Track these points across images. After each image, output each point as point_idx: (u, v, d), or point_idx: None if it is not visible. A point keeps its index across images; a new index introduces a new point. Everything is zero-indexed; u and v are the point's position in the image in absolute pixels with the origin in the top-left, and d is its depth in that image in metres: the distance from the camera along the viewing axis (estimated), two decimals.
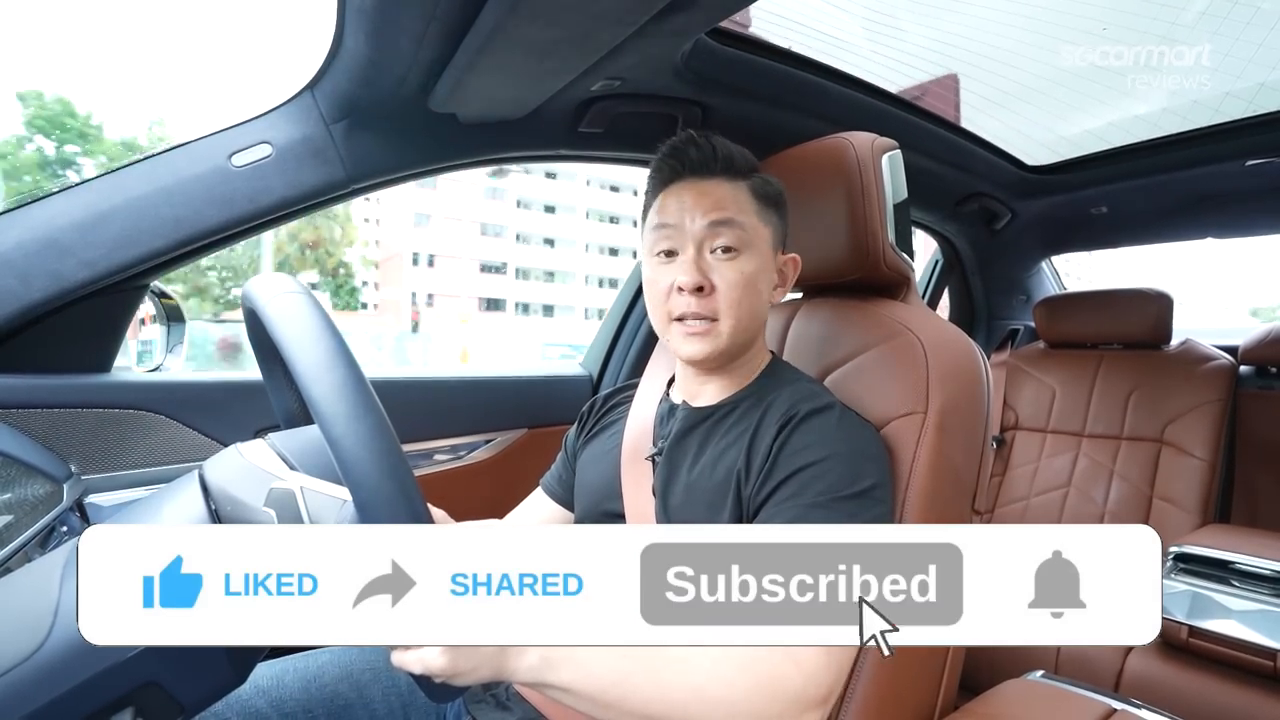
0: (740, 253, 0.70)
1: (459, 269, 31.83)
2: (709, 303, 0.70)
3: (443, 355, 26.22)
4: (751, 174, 0.74)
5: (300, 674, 0.75)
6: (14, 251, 0.80)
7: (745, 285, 0.70)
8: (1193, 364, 1.57)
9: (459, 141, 1.01)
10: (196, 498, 0.47)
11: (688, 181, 0.72)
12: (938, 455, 0.68)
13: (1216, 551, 1.16)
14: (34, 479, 0.71)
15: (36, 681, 0.39)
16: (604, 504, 0.79)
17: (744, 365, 0.77)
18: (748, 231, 0.71)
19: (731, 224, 0.70)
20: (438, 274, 31.38)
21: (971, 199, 1.71)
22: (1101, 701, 0.72)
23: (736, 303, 0.70)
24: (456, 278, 31.71)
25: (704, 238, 0.70)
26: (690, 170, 0.72)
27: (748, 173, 0.73)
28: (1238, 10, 1.14)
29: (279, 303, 0.45)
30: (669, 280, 0.71)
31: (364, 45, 0.79)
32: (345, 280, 29.13)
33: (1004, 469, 1.75)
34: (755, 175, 0.74)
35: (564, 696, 0.50)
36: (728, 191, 0.71)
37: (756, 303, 0.72)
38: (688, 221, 0.70)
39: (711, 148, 0.72)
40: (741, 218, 0.71)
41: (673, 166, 0.73)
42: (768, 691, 0.53)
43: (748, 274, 0.70)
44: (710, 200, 0.71)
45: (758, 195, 0.73)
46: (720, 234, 0.70)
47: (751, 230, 0.71)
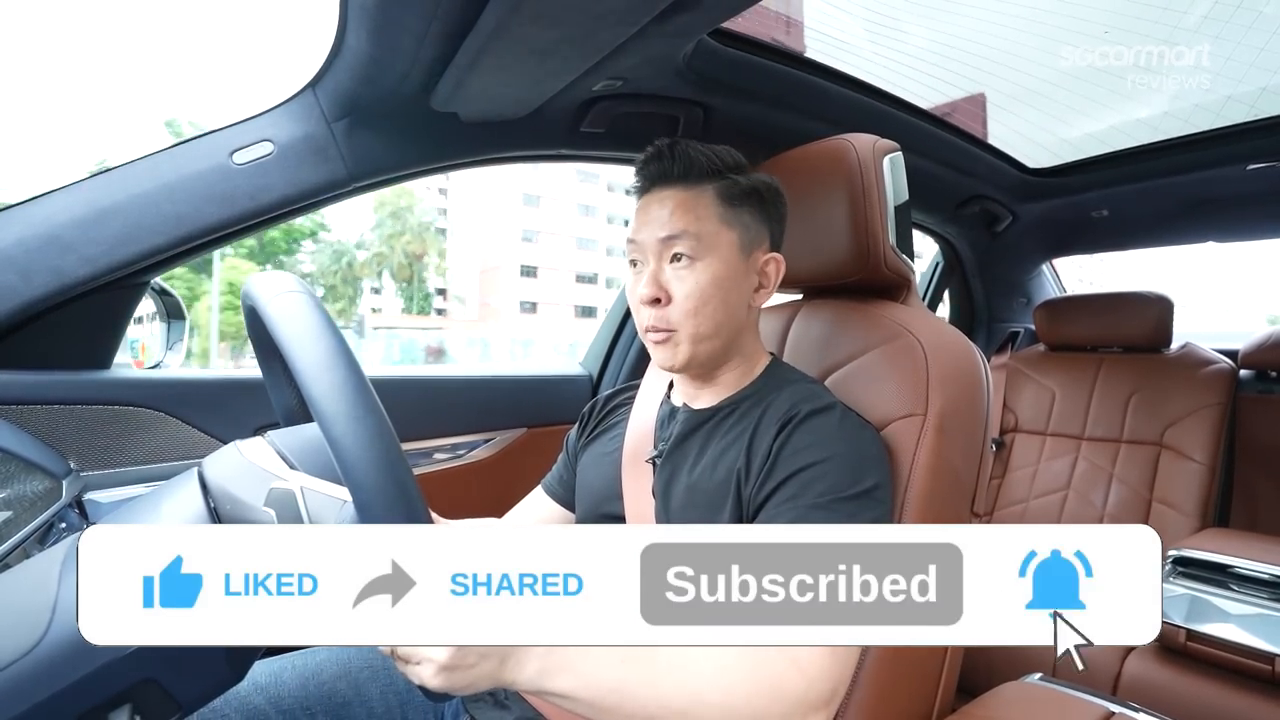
0: (697, 260, 0.70)
1: (557, 279, 34.43)
2: (665, 314, 0.71)
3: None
4: (719, 175, 0.72)
5: (298, 672, 0.75)
6: (15, 247, 0.80)
7: (701, 294, 0.69)
8: (1193, 368, 1.57)
9: (460, 140, 1.01)
10: (196, 496, 0.47)
11: (651, 194, 0.73)
12: (937, 457, 0.68)
13: (1215, 555, 1.16)
14: (33, 475, 0.71)
15: (34, 678, 0.39)
16: (604, 506, 0.79)
17: (736, 368, 0.77)
18: (704, 239, 0.70)
19: (684, 235, 0.69)
20: (539, 284, 33.97)
21: (972, 201, 1.71)
22: (1099, 704, 0.71)
23: (693, 312, 0.70)
24: (555, 287, 34.33)
25: (660, 249, 0.71)
26: (653, 182, 0.73)
27: (712, 175, 0.72)
28: (1239, 14, 1.14)
29: (280, 302, 0.45)
30: (635, 293, 0.72)
31: (366, 44, 0.79)
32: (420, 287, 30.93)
33: (1003, 471, 1.75)
34: (724, 176, 0.72)
35: (563, 702, 0.50)
36: (684, 199, 0.71)
37: (721, 309, 0.71)
38: (645, 235, 0.71)
39: (672, 157, 0.71)
40: (696, 226, 0.70)
41: (641, 181, 0.75)
42: (769, 694, 0.53)
43: (704, 283, 0.70)
44: (665, 211, 0.70)
45: (723, 198, 0.71)
46: (674, 244, 0.70)
47: (710, 236, 0.70)
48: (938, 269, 2.05)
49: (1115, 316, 1.69)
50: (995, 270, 2.02)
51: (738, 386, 0.77)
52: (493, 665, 0.46)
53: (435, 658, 0.44)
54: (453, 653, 0.44)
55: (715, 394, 0.77)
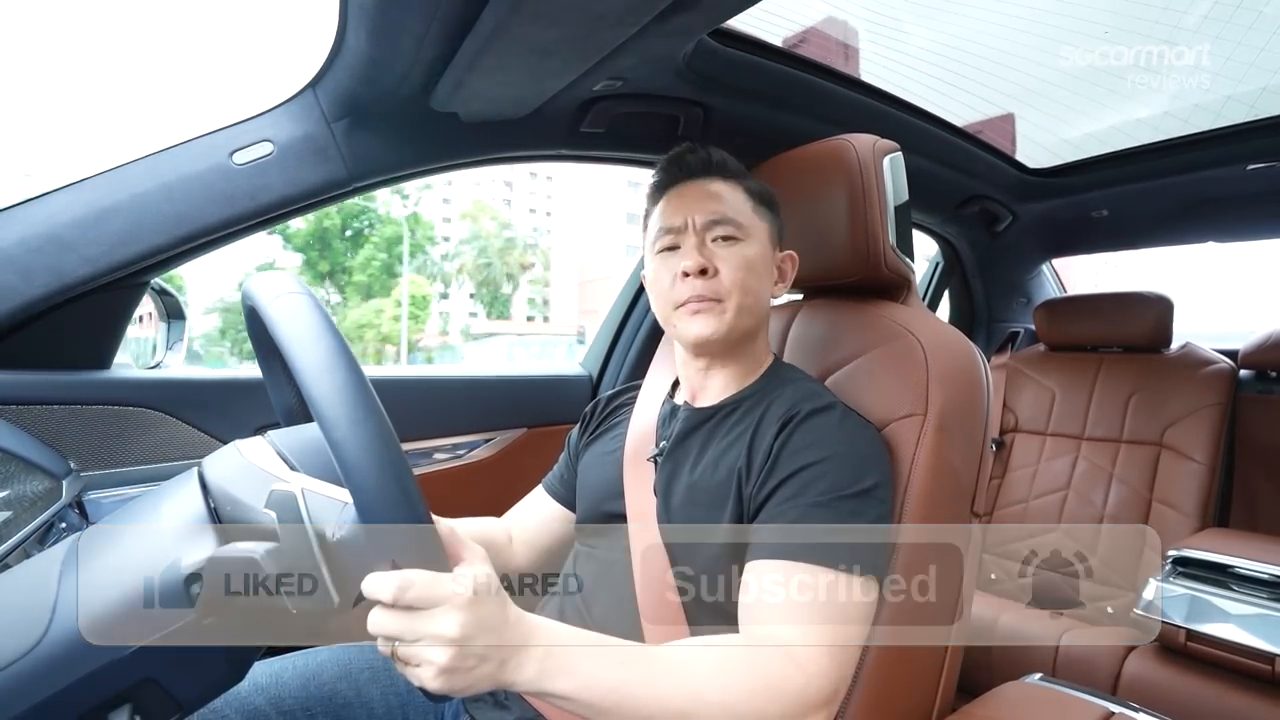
0: (741, 240, 0.75)
1: None
2: (713, 285, 0.73)
3: None
4: (744, 176, 0.79)
5: (299, 672, 0.75)
6: (16, 247, 0.80)
7: (748, 268, 0.74)
8: (1192, 368, 1.57)
9: (460, 141, 1.01)
10: (196, 496, 0.47)
11: (687, 184, 0.77)
12: (937, 457, 0.68)
13: (1215, 555, 1.16)
14: (33, 475, 0.71)
15: (34, 677, 0.39)
16: (606, 504, 0.79)
17: (747, 359, 0.78)
18: (745, 225, 0.75)
19: (728, 220, 0.75)
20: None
21: (972, 201, 1.71)
22: (1099, 705, 0.71)
23: (740, 283, 0.73)
24: None
25: (705, 229, 0.75)
26: (688, 174, 0.78)
27: (741, 175, 0.79)
28: (1239, 14, 1.14)
29: (280, 303, 0.45)
30: (673, 270, 0.74)
31: (366, 44, 0.79)
32: (498, 293, 33.16)
33: (1003, 471, 1.75)
34: (748, 178, 0.79)
35: (563, 704, 0.50)
36: (725, 190, 0.76)
37: (759, 288, 0.76)
38: (690, 217, 0.75)
39: (707, 154, 0.78)
40: (739, 213, 0.75)
41: (672, 172, 0.79)
42: (769, 694, 0.53)
43: (749, 258, 0.74)
44: (710, 197, 0.76)
45: (752, 195, 0.78)
46: (720, 226, 0.74)
47: (750, 224, 0.76)
48: (938, 269, 2.05)
49: (1115, 316, 1.68)
50: (995, 270, 2.02)
51: (741, 385, 0.77)
52: (492, 667, 0.46)
53: (435, 659, 0.43)
54: (453, 654, 0.43)
55: (719, 390, 0.78)
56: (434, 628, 0.43)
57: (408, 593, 0.42)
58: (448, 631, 0.43)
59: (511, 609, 0.48)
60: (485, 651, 0.45)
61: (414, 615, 0.43)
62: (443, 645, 0.43)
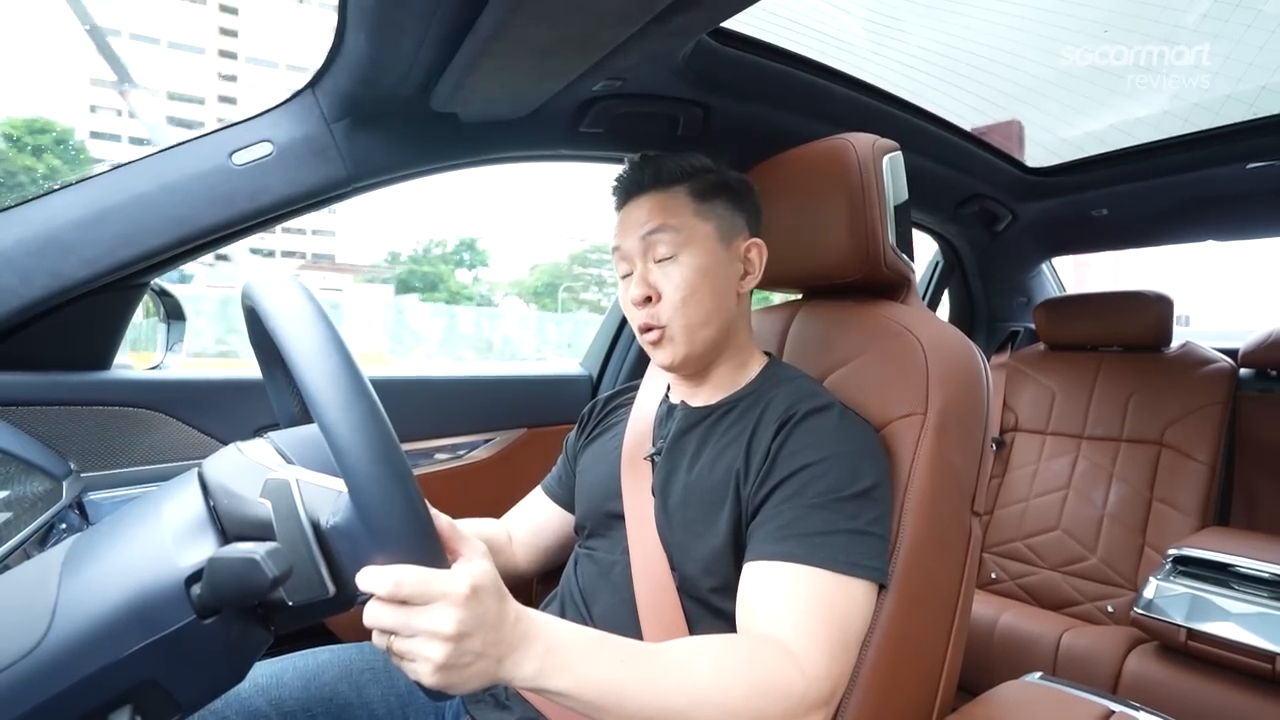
0: (680, 254, 0.73)
1: None
2: (656, 311, 0.74)
3: None
4: (689, 176, 0.76)
5: (299, 672, 0.75)
6: (14, 249, 0.79)
7: (688, 285, 0.73)
8: (1193, 367, 1.57)
9: (460, 141, 1.01)
10: (196, 496, 0.47)
11: (629, 204, 0.77)
12: (937, 457, 0.68)
13: (1216, 554, 1.16)
14: (33, 476, 0.71)
15: (34, 678, 0.39)
16: (604, 504, 0.79)
17: (730, 362, 0.78)
18: (683, 232, 0.73)
19: (663, 229, 0.73)
20: None
21: (972, 200, 1.71)
22: (1099, 703, 0.71)
23: (682, 304, 0.73)
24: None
25: (644, 251, 0.75)
26: (627, 194, 0.78)
27: (682, 177, 0.76)
28: (1239, 14, 1.14)
29: (275, 295, 0.45)
30: (627, 298, 0.75)
31: (365, 44, 0.79)
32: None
33: (1003, 470, 1.75)
34: (693, 175, 0.76)
35: (562, 701, 0.50)
36: (658, 201, 0.75)
37: (710, 297, 0.74)
38: (627, 239, 0.76)
39: (642, 167, 0.77)
40: (674, 221, 0.73)
41: (619, 195, 0.79)
42: (768, 693, 0.53)
43: (689, 274, 0.73)
44: (641, 214, 0.75)
45: (695, 194, 0.75)
46: (655, 242, 0.74)
47: (688, 230, 0.74)
48: (938, 268, 2.05)
49: (1115, 315, 1.68)
50: (995, 269, 2.02)
51: (735, 385, 0.77)
52: (490, 664, 0.46)
53: (431, 655, 0.43)
54: (449, 650, 0.43)
55: (712, 392, 0.77)
56: (429, 623, 0.42)
57: (404, 587, 0.42)
58: (443, 628, 0.42)
59: (511, 606, 0.48)
60: (483, 648, 0.45)
61: (410, 610, 0.42)
62: (439, 641, 0.42)
